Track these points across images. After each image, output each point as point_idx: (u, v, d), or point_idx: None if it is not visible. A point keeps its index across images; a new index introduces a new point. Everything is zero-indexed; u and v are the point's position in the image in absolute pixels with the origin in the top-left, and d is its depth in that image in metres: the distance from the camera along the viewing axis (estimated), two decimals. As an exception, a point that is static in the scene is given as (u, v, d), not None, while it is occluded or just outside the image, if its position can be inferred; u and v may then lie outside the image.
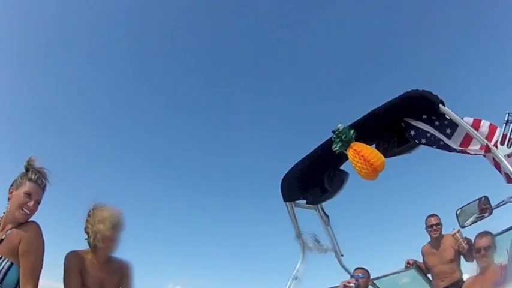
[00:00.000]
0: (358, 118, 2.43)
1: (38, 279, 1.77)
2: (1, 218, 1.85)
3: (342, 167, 2.87)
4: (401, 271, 4.10)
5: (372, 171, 2.22)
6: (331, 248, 3.36)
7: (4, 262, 1.71)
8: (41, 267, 1.80)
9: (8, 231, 1.78)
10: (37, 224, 1.84)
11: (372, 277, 3.63)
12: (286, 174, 2.92)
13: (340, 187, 2.88)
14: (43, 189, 1.90)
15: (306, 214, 3.23)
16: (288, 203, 3.01)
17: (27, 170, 1.90)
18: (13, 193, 1.83)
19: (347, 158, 2.35)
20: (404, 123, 2.47)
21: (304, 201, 3.16)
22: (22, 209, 1.80)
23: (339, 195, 2.96)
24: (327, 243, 3.33)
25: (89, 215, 2.05)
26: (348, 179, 2.84)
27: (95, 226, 1.97)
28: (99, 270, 2.01)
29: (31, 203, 1.82)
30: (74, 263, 1.94)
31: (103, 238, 1.95)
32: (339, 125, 2.36)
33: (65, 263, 1.94)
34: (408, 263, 4.01)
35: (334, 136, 2.36)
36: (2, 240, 1.77)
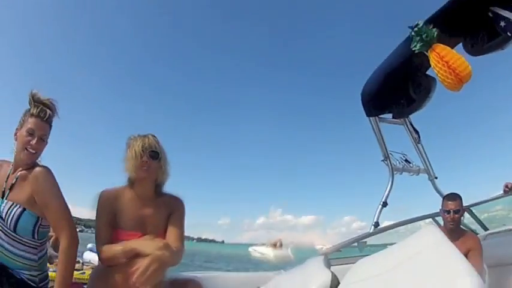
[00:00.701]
0: (435, 11, 1.97)
1: (73, 222, 1.61)
2: (12, 164, 1.67)
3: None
4: (499, 196, 3.54)
5: (457, 81, 1.90)
6: (423, 169, 2.91)
7: (15, 209, 1.55)
8: (66, 206, 1.61)
9: (18, 175, 1.61)
10: (46, 168, 1.62)
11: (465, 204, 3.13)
12: (366, 84, 2.48)
13: (427, 95, 2.44)
14: (48, 122, 1.66)
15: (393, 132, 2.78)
16: (372, 118, 2.59)
17: (30, 103, 1.66)
18: (17, 133, 1.63)
19: (429, 63, 1.95)
20: (491, 13, 1.99)
21: (390, 116, 2.71)
22: (26, 149, 1.60)
23: (427, 106, 2.49)
24: (418, 164, 2.89)
25: (125, 151, 1.76)
26: (435, 86, 2.39)
27: (127, 155, 1.70)
28: (138, 208, 1.70)
29: (34, 141, 1.60)
30: (105, 203, 1.68)
31: (134, 166, 1.66)
32: (418, 20, 1.93)
33: (98, 201, 1.70)
34: (506, 186, 3.46)
35: (413, 34, 1.95)
36: (13, 185, 1.60)
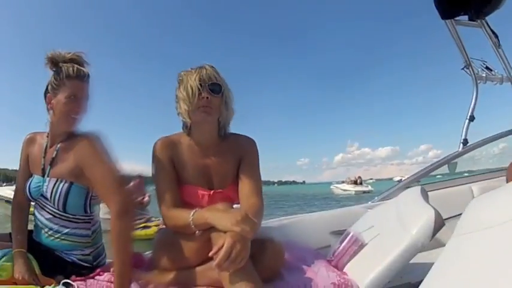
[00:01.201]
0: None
1: (124, 183, 1.33)
2: (47, 135, 1.44)
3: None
4: None
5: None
6: (507, 77, 2.50)
7: (61, 185, 1.33)
8: (115, 170, 1.31)
9: (59, 147, 1.38)
10: (92, 134, 1.36)
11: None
12: None
13: None
14: (87, 80, 1.42)
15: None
16: (447, 21, 2.25)
17: (56, 64, 1.39)
18: (53, 101, 1.37)
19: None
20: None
21: (466, 17, 2.34)
22: (71, 117, 1.37)
23: (506, 3, 2.13)
24: (500, 71, 2.49)
25: (177, 89, 1.40)
26: None
27: (179, 95, 1.35)
28: (200, 157, 1.39)
29: (79, 106, 1.37)
30: (161, 154, 1.37)
31: (191, 106, 1.32)
32: None
33: (152, 154, 1.39)
34: None
35: None
36: (54, 159, 1.38)
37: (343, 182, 34.24)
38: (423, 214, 1.24)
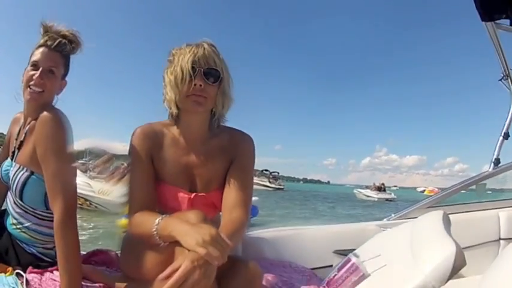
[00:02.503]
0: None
1: (70, 189, 1.17)
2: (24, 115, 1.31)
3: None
4: None
5: None
6: None
7: (21, 173, 1.20)
8: (71, 171, 1.19)
9: (27, 128, 1.24)
10: (52, 112, 1.18)
11: None
12: None
13: None
14: (59, 51, 1.22)
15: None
16: (488, 24, 1.98)
17: (44, 34, 1.24)
18: (24, 74, 1.23)
19: None
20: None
21: (508, 22, 2.08)
22: (29, 87, 1.18)
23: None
24: None
25: (165, 70, 1.17)
26: None
27: (167, 78, 1.13)
28: (183, 153, 1.19)
29: (37, 74, 1.18)
30: (140, 145, 1.17)
31: (179, 94, 1.10)
32: None
33: (130, 143, 1.20)
34: None
35: None
36: (22, 142, 1.24)
37: (367, 187, 34.70)
38: (442, 250, 1.04)
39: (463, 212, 2.01)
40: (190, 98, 1.09)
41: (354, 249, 1.52)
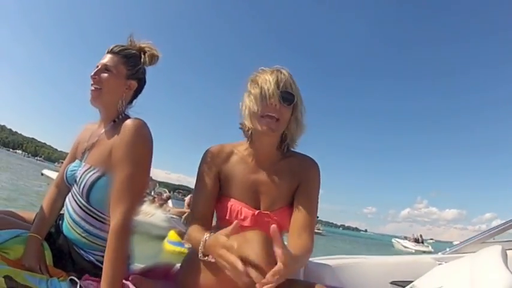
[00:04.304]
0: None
1: (138, 198, 1.16)
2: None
3: None
4: None
5: None
6: None
7: (91, 173, 1.19)
8: (143, 181, 1.18)
9: (102, 131, 1.26)
10: (135, 120, 1.19)
11: None
12: None
13: None
14: (116, 52, 1.28)
15: None
16: None
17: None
18: None
19: None
20: None
21: None
22: (91, 87, 1.25)
23: None
24: None
25: (246, 88, 1.24)
26: None
27: (252, 91, 1.18)
28: (253, 170, 1.23)
29: (94, 73, 1.24)
30: (210, 162, 1.23)
31: (258, 112, 1.15)
32: None
33: (200, 161, 1.26)
34: None
35: None
36: (94, 144, 1.26)
37: (405, 237, 34.72)
38: (503, 285, 1.06)
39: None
40: (264, 119, 1.15)
41: (411, 281, 1.53)
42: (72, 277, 1.12)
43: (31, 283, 1.06)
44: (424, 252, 26.29)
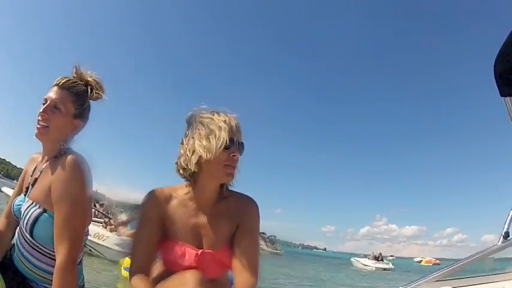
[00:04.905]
0: None
1: (79, 235, 1.18)
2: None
3: None
4: None
5: None
6: None
7: (33, 210, 1.20)
8: (81, 218, 1.21)
9: (44, 166, 1.27)
10: (74, 156, 1.20)
11: None
12: (502, 54, 1.45)
13: None
14: (67, 88, 1.26)
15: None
16: (507, 99, 1.64)
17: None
18: None
19: None
20: None
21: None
22: (37, 123, 1.23)
23: None
24: None
25: (193, 129, 1.21)
26: None
27: (212, 138, 1.15)
28: (194, 213, 1.23)
29: (43, 110, 1.22)
30: (151, 210, 1.22)
31: (219, 163, 1.16)
32: None
33: (140, 206, 1.23)
34: None
35: None
36: (36, 180, 1.27)
37: (365, 255, 35.08)
38: None
39: (470, 285, 1.99)
40: (226, 168, 1.18)
41: None
42: None
43: None
44: (385, 269, 28.10)
